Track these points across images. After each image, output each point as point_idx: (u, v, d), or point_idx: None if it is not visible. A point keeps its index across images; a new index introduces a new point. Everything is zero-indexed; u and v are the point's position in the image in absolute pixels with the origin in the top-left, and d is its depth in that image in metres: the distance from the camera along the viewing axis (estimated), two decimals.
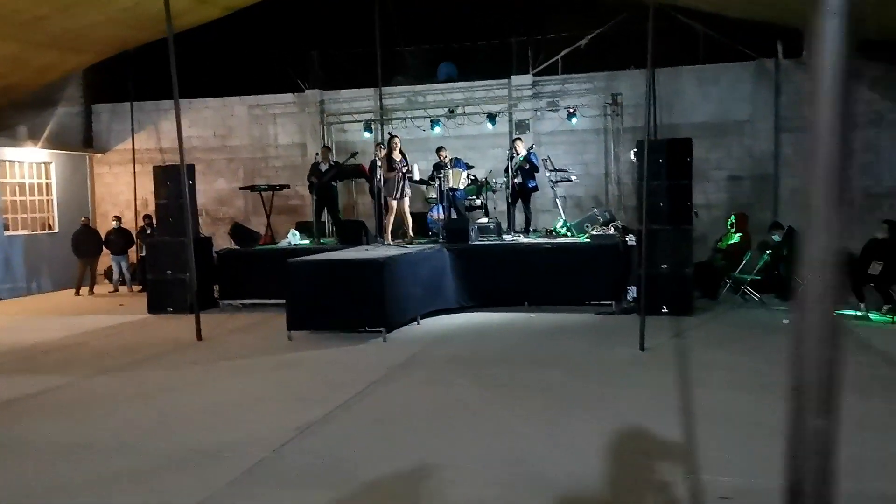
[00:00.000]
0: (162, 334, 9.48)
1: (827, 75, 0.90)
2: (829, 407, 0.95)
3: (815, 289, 0.94)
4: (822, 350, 0.95)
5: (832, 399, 0.96)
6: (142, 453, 4.83)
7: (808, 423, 0.95)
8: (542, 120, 14.89)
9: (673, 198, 9.90)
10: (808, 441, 0.94)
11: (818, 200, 0.93)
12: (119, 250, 14.51)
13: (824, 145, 0.91)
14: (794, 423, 0.96)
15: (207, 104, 16.43)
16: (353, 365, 7.42)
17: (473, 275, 10.48)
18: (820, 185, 0.94)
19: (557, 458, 4.57)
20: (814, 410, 0.96)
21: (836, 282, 0.94)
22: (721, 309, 10.29)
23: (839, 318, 0.93)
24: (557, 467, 4.40)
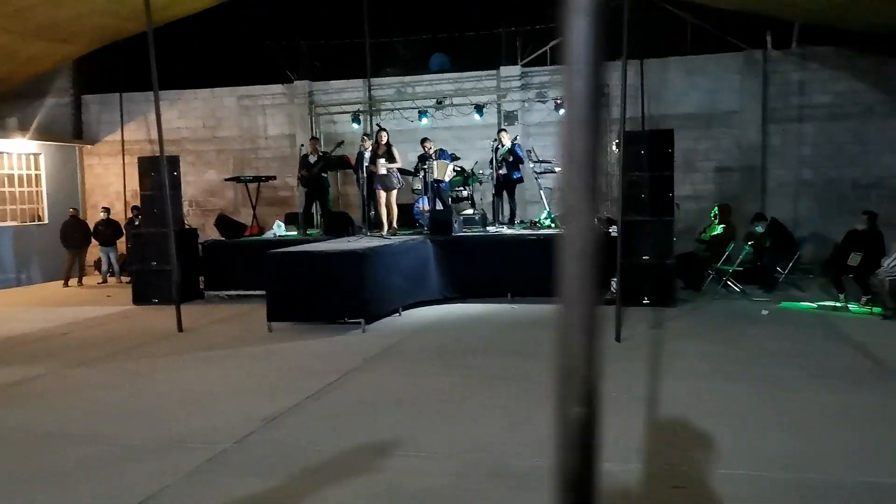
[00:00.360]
0: (144, 325, 9.52)
1: (579, 73, 0.92)
2: (589, 396, 0.97)
3: (573, 279, 0.96)
4: (582, 339, 0.97)
5: (593, 388, 0.98)
6: (109, 442, 4.87)
7: (570, 411, 0.97)
8: (530, 111, 14.89)
9: (655, 189, 9.91)
10: (570, 429, 0.97)
11: (572, 192, 0.95)
12: (107, 241, 14.53)
13: (577, 140, 0.94)
14: (559, 412, 0.98)
15: (197, 95, 16.43)
16: (329, 356, 7.45)
17: (457, 266, 10.50)
18: (574, 176, 0.96)
19: (518, 447, 4.61)
20: (575, 399, 0.98)
21: (593, 272, 0.96)
22: (703, 300, 10.31)
23: (599, 308, 0.95)
24: (516, 457, 4.43)
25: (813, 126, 13.68)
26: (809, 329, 8.09)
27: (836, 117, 13.53)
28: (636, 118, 14.14)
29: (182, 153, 16.42)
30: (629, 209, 10.05)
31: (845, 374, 6.15)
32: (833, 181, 13.60)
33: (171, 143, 16.33)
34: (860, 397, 5.50)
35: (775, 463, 4.22)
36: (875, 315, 8.56)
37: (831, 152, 13.60)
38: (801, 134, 13.76)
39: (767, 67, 13.79)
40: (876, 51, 13.19)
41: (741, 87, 13.91)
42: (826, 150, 13.63)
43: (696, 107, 14.12)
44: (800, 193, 13.79)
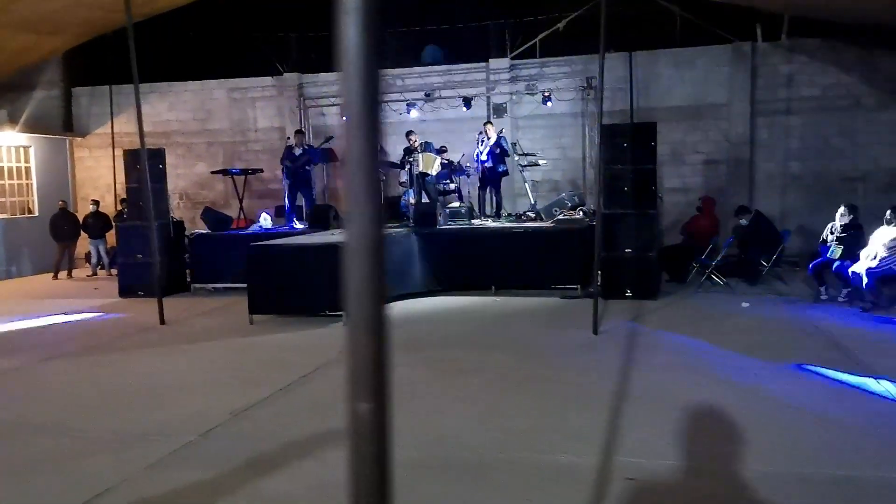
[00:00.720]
0: (127, 318, 9.55)
1: (354, 73, 0.94)
2: (377, 391, 1.00)
3: (357, 278, 0.98)
4: (368, 337, 1.00)
5: (380, 384, 1.01)
6: (73, 434, 4.91)
7: (358, 406, 1.00)
8: (519, 104, 14.86)
9: (637, 182, 9.90)
10: (359, 424, 0.99)
11: (353, 192, 0.98)
12: (97, 234, 14.55)
13: (355, 141, 0.96)
14: (349, 408, 1.01)
15: (187, 87, 16.42)
16: (307, 348, 7.48)
17: (441, 259, 10.52)
18: (354, 176, 0.98)
19: (479, 439, 4.64)
20: (363, 395, 1.00)
21: (378, 271, 0.99)
22: (686, 293, 10.33)
23: (385, 305, 0.98)
24: (474, 450, 4.46)
25: (801, 119, 13.67)
26: (788, 322, 8.11)
27: (824, 110, 13.51)
28: (625, 111, 14.15)
29: (172, 146, 16.47)
30: (612, 202, 10.10)
31: (813, 365, 6.17)
32: (820, 174, 13.59)
33: (161, 136, 16.45)
34: (823, 390, 5.52)
35: (735, 457, 4.25)
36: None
37: (819, 145, 13.59)
38: (788, 127, 13.75)
39: (756, 60, 13.77)
40: (864, 43, 13.18)
41: (729, 80, 13.89)
42: (814, 142, 13.62)
43: (684, 99, 14.10)
44: (787, 186, 13.79)
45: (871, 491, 3.79)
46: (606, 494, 3.82)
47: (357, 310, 1.02)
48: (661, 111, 14.12)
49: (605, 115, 13.94)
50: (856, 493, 3.77)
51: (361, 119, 0.99)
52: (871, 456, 4.22)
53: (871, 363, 6.19)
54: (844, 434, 4.58)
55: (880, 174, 13.36)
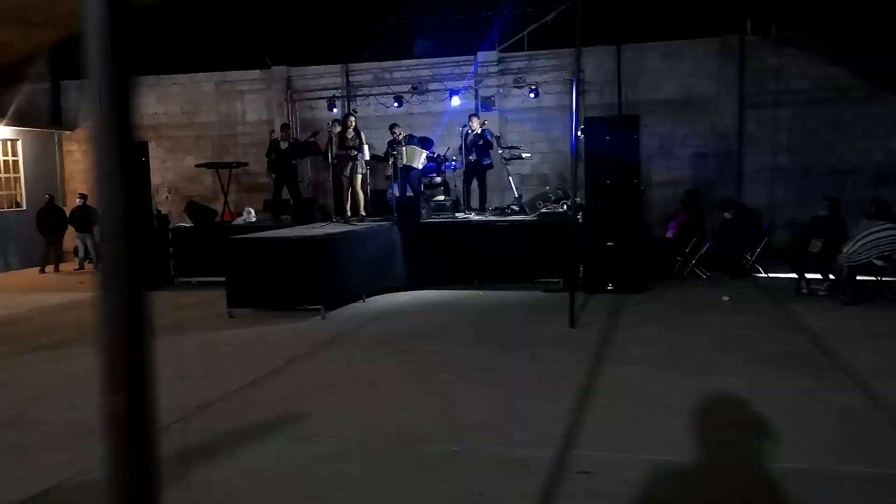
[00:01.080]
0: None
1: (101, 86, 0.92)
2: (132, 381, 0.97)
3: (111, 264, 0.95)
4: (122, 326, 0.97)
5: (136, 374, 0.98)
6: (31, 428, 4.89)
7: (112, 400, 0.97)
8: (508, 97, 14.81)
9: (620, 175, 9.86)
10: (115, 415, 0.97)
11: (107, 176, 0.95)
12: (84, 228, 14.51)
13: (103, 148, 0.94)
14: (104, 398, 0.98)
15: (175, 80, 16.36)
16: (282, 342, 7.45)
17: (424, 253, 10.50)
18: (104, 179, 0.95)
19: (440, 433, 4.62)
20: (118, 385, 0.97)
21: (132, 257, 0.95)
22: (670, 286, 10.30)
23: (142, 294, 0.95)
24: (434, 443, 4.44)
25: (789, 112, 13.62)
26: (766, 316, 8.08)
27: (813, 103, 13.45)
28: (613, 104, 14.11)
29: (160, 139, 16.46)
30: (594, 196, 10.07)
31: (782, 359, 6.14)
32: (809, 167, 13.53)
33: (149, 129, 16.39)
34: (785, 382, 5.49)
35: (686, 449, 4.23)
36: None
37: (807, 138, 13.53)
38: (777, 119, 13.70)
39: (744, 52, 13.70)
40: (852, 36, 13.11)
41: (718, 73, 13.83)
42: (802, 135, 13.56)
43: (672, 92, 14.03)
44: (776, 179, 13.73)
45: (818, 482, 3.77)
46: (558, 488, 3.79)
47: (110, 295, 0.99)
48: (650, 104, 14.09)
49: (594, 109, 14.11)
50: (804, 484, 3.75)
51: (108, 129, 0.96)
52: (828, 451, 4.19)
53: (842, 357, 6.16)
54: (803, 430, 4.56)
55: (869, 167, 13.30)
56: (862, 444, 4.27)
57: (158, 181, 16.52)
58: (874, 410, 4.82)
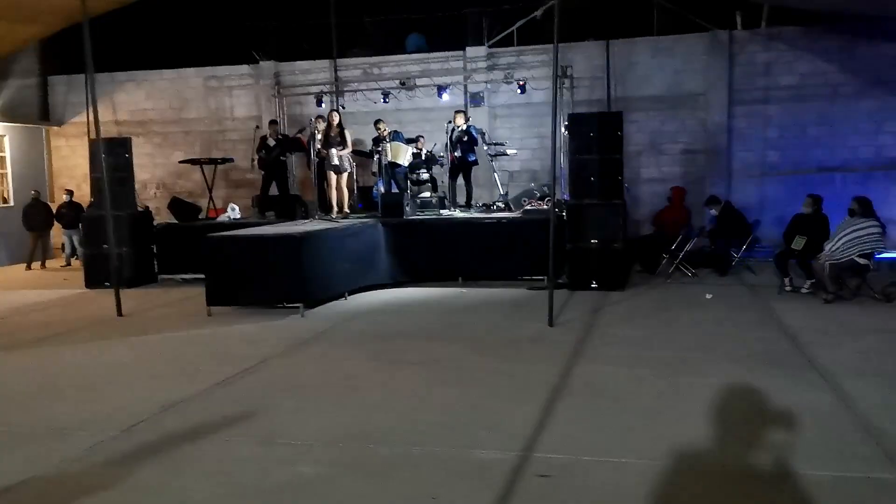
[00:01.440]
0: (87, 310, 9.48)
1: None
2: None
3: None
4: None
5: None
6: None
7: None
8: (497, 92, 14.73)
9: (604, 172, 9.80)
10: None
11: None
12: (70, 224, 14.43)
13: None
14: None
15: (163, 76, 16.28)
16: (258, 341, 7.40)
17: (408, 250, 10.43)
18: None
19: (404, 434, 4.56)
20: None
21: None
22: (655, 284, 10.24)
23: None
24: (396, 445, 4.39)
25: (778, 108, 13.55)
26: (747, 313, 8.03)
27: (802, 99, 13.39)
28: (602, 100, 14.03)
29: (149, 134, 16.41)
30: (578, 193, 10.02)
31: (757, 358, 6.09)
32: (798, 163, 13.48)
33: (137, 125, 16.36)
34: (756, 382, 5.44)
35: (648, 450, 4.18)
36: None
37: (797, 134, 13.48)
38: (766, 116, 13.63)
39: (733, 48, 13.62)
40: (841, 31, 13.04)
41: (707, 69, 13.75)
42: (791, 132, 13.51)
43: (662, 88, 13.96)
44: (765, 176, 13.67)
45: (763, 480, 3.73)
46: (514, 491, 3.75)
47: None
48: (639, 100, 14.05)
49: (582, 104, 14.04)
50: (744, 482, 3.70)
51: None
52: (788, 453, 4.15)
53: (818, 355, 6.12)
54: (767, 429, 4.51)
55: (858, 163, 13.25)
56: (821, 446, 4.22)
57: (147, 177, 16.48)
58: (841, 411, 4.77)
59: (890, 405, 4.84)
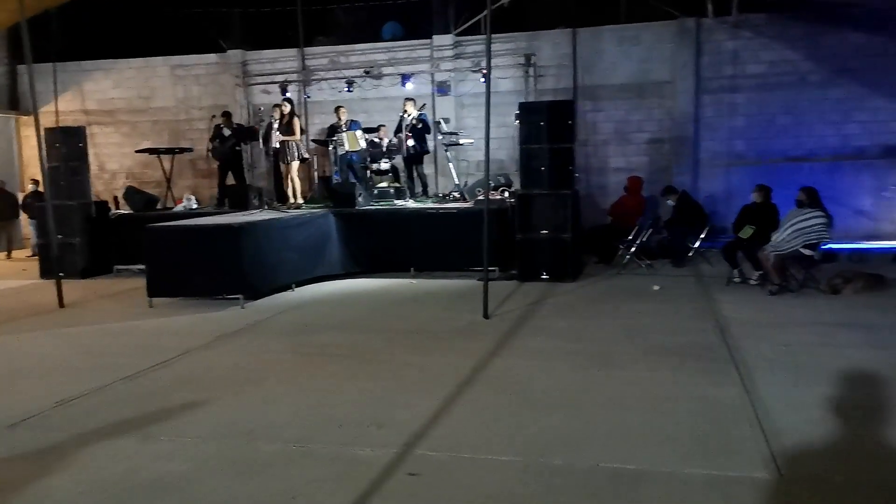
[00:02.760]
0: (31, 300, 9.39)
1: None
2: None
3: None
4: None
5: None
6: None
7: None
8: (464, 81, 14.60)
9: (554, 162, 9.68)
10: None
11: None
12: (36, 214, 14.32)
13: None
14: None
15: (131, 65, 16.15)
16: (188, 333, 7.31)
17: (360, 240, 10.35)
18: None
19: (294, 431, 4.48)
20: None
21: None
22: (608, 275, 10.15)
23: None
24: (281, 442, 4.31)
25: (746, 96, 13.42)
26: (688, 305, 7.94)
27: (769, 87, 13.26)
28: (568, 89, 13.89)
29: (117, 124, 16.30)
30: (528, 183, 9.91)
31: (679, 351, 6.00)
32: (765, 153, 13.36)
33: (105, 114, 16.25)
34: (669, 375, 5.35)
35: (530, 447, 4.10)
36: None
37: (764, 123, 13.36)
38: (733, 104, 13.50)
39: (701, 36, 13.47)
40: (808, 19, 12.89)
41: (674, 57, 13.61)
42: (758, 120, 13.38)
43: (628, 77, 13.83)
44: (732, 165, 13.55)
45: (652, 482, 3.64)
46: (379, 490, 3.67)
47: None
48: (606, 88, 13.92)
49: (548, 94, 13.89)
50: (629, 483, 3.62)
51: None
52: (674, 450, 4.06)
53: (741, 348, 6.03)
54: (662, 427, 4.42)
55: (825, 153, 13.12)
56: (708, 443, 4.14)
57: (116, 167, 16.41)
58: (742, 407, 4.68)
59: (791, 401, 4.75)
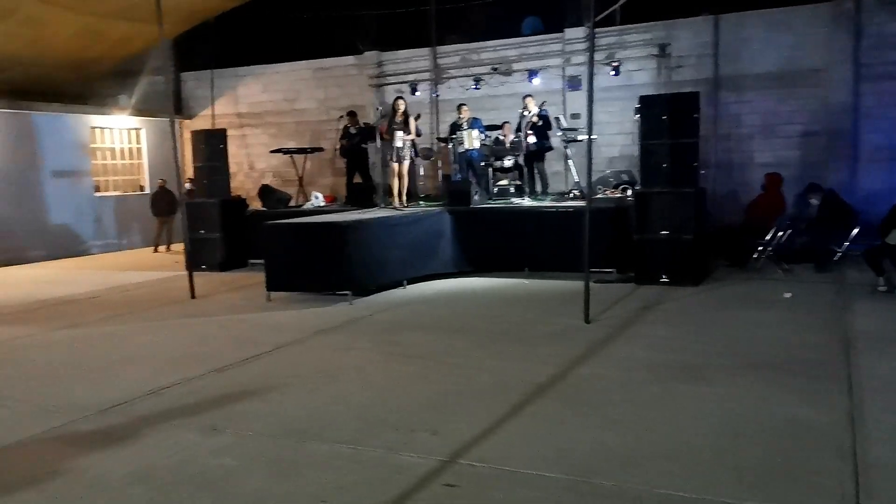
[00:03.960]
0: (170, 291, 10.08)
1: None
2: None
3: None
4: None
5: None
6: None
7: None
8: (596, 75, 14.04)
9: (676, 158, 9.10)
10: None
11: None
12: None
13: None
14: None
15: (278, 69, 17.05)
16: (287, 328, 7.54)
17: (474, 239, 10.28)
18: None
19: (342, 432, 4.47)
20: None
21: None
22: (737, 279, 9.42)
23: None
24: (329, 442, 4.31)
25: None
26: (816, 315, 7.18)
27: None
28: (708, 79, 13.07)
29: (265, 125, 17.28)
30: (648, 180, 9.40)
31: (780, 367, 5.41)
32: None
33: (255, 117, 17.28)
34: (755, 393, 4.82)
35: (581, 465, 3.82)
36: None
37: None
38: None
39: (860, 19, 12.17)
40: None
41: (829, 42, 12.40)
42: None
43: (776, 65, 12.78)
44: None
45: None
46: (409, 498, 3.56)
47: None
48: (751, 78, 12.97)
49: (687, 84, 13.12)
50: None
51: None
52: (718, 475, 3.64)
53: (859, 366, 5.33)
54: (716, 449, 3.99)
55: None
56: (786, 473, 3.67)
57: (264, 166, 17.39)
58: (836, 433, 4.12)
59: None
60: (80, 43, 14.72)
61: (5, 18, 13.14)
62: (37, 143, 15.01)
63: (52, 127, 15.28)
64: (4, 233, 14.20)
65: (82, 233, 15.81)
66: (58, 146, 15.40)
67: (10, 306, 9.40)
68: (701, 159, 13.13)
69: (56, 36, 14.20)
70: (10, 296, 10.25)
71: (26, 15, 13.28)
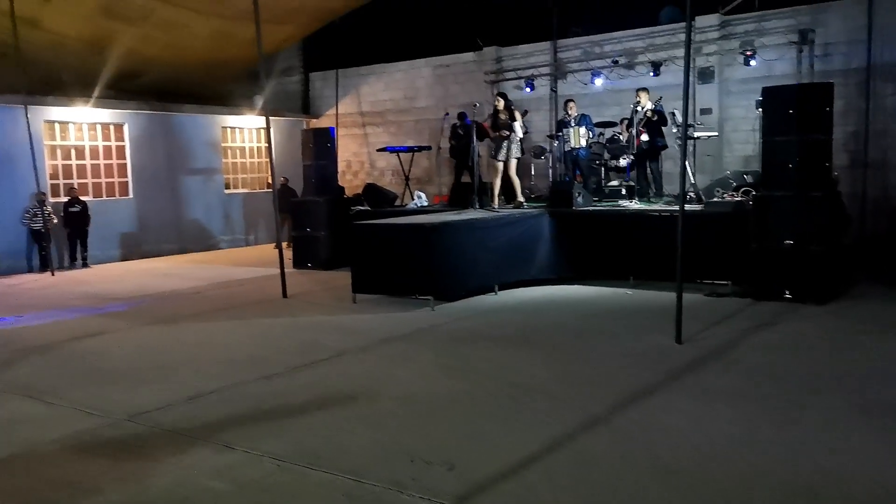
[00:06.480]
0: (266, 289, 10.11)
1: None
2: None
3: None
4: None
5: None
6: (43, 401, 5.30)
7: None
8: (731, 66, 12.90)
9: (805, 157, 7.97)
10: None
11: None
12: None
13: None
14: None
15: (398, 68, 17.00)
16: (358, 332, 7.25)
17: (575, 243, 9.59)
18: None
19: (358, 457, 4.07)
20: None
21: None
22: (877, 297, 8.15)
23: None
24: (332, 469, 3.92)
25: None
26: None
27: None
28: (859, 68, 11.57)
29: (385, 124, 17.29)
30: (770, 182, 8.33)
31: (871, 411, 4.45)
32: None
33: (376, 115, 17.34)
34: (856, 446, 3.91)
35: None
36: None
37: None
38: None
39: None
40: None
41: None
42: None
43: None
44: None
45: None
46: None
47: None
48: None
49: (836, 75, 11.69)
50: None
51: None
52: None
53: None
54: None
55: None
56: None
57: (384, 164, 17.39)
58: None
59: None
60: (213, 45, 15.30)
61: (141, 22, 13.87)
62: (173, 142, 15.78)
63: (186, 127, 16.04)
64: (143, 228, 15.05)
65: (212, 228, 16.49)
66: (192, 145, 16.14)
67: (118, 298, 9.79)
68: (851, 158, 11.75)
69: (190, 38, 14.84)
70: (123, 287, 10.72)
71: (160, 18, 13.95)
